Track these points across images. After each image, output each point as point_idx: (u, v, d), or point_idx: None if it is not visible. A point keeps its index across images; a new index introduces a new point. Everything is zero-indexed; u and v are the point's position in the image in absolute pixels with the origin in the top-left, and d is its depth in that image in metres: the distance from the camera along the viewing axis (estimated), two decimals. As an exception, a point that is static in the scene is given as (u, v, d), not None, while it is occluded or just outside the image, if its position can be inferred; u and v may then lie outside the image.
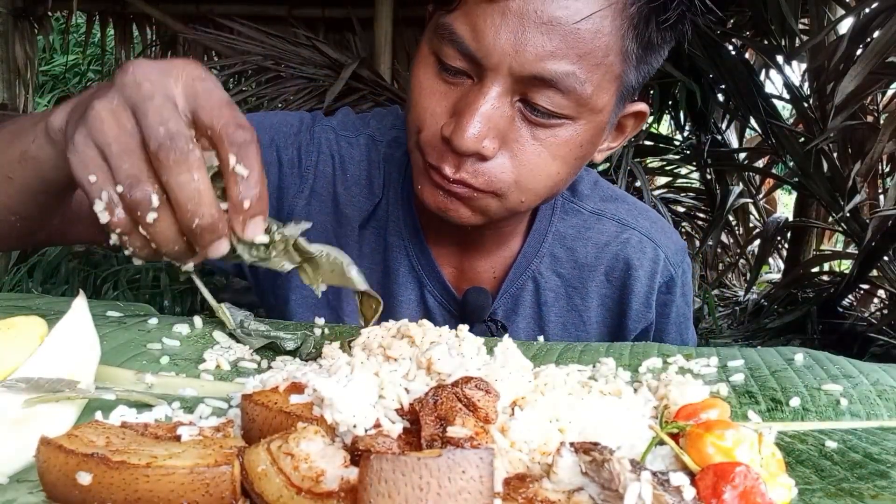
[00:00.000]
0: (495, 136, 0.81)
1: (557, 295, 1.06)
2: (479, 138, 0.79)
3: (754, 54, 3.52)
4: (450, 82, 0.83)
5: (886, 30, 2.23)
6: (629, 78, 0.85)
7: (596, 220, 1.07)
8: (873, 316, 3.70)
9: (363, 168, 1.05)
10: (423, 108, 0.85)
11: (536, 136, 0.82)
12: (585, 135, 0.84)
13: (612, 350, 0.80)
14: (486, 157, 0.81)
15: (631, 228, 1.06)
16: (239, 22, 3.26)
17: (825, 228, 4.20)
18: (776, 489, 0.43)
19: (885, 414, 0.63)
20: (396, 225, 1.04)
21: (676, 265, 1.08)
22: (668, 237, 1.09)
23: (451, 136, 0.79)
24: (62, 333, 0.58)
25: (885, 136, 2.54)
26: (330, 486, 0.41)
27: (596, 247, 1.06)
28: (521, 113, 0.81)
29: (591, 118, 0.83)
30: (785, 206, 6.18)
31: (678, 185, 4.65)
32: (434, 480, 0.38)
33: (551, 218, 1.06)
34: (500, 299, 1.05)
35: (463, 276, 1.06)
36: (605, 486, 0.42)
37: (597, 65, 0.79)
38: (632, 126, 0.96)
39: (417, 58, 0.87)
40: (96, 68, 6.89)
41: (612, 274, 1.06)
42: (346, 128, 1.08)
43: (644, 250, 1.06)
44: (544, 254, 1.05)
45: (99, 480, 0.41)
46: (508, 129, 0.81)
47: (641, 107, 0.94)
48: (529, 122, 0.82)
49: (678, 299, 1.09)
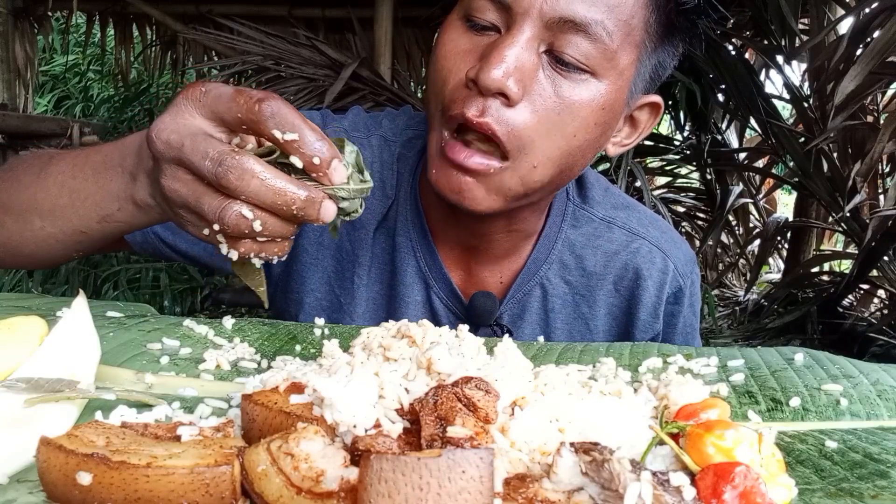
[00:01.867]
0: (520, 79, 0.80)
1: (565, 302, 1.05)
2: (505, 75, 0.78)
3: (754, 54, 3.52)
4: (477, 39, 0.83)
5: (886, 30, 2.23)
6: (647, 58, 0.86)
7: (606, 229, 1.06)
8: (873, 316, 3.70)
9: (376, 170, 1.04)
10: (447, 68, 0.85)
11: (559, 92, 0.82)
12: (607, 97, 0.84)
13: (612, 350, 0.80)
14: (510, 101, 0.80)
15: (641, 238, 1.05)
16: (239, 22, 3.26)
17: (825, 228, 4.20)
18: (776, 489, 0.43)
19: (885, 414, 0.63)
20: (405, 226, 1.03)
21: (685, 276, 1.07)
22: (678, 247, 1.08)
23: (478, 73, 0.79)
24: (62, 333, 0.58)
25: (885, 136, 2.54)
26: (330, 487, 0.41)
27: (605, 255, 1.05)
28: (546, 65, 0.81)
29: (613, 79, 0.83)
30: (785, 206, 6.18)
31: (678, 185, 4.65)
32: (434, 480, 0.38)
33: (561, 225, 1.05)
34: (507, 304, 1.04)
35: (470, 281, 1.05)
36: (605, 486, 0.42)
37: (623, 21, 0.80)
38: (646, 121, 0.96)
39: (443, 28, 0.87)
40: (96, 68, 6.89)
41: (621, 283, 1.05)
42: (358, 128, 1.07)
43: (653, 260, 1.05)
44: (553, 260, 1.04)
45: (99, 480, 0.41)
46: (532, 79, 0.81)
47: (656, 98, 0.93)
48: (554, 75, 0.81)
49: (686, 310, 1.08)
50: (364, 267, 1.04)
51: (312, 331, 0.83)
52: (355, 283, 1.04)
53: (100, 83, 6.91)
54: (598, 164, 3.71)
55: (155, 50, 4.83)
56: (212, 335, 0.77)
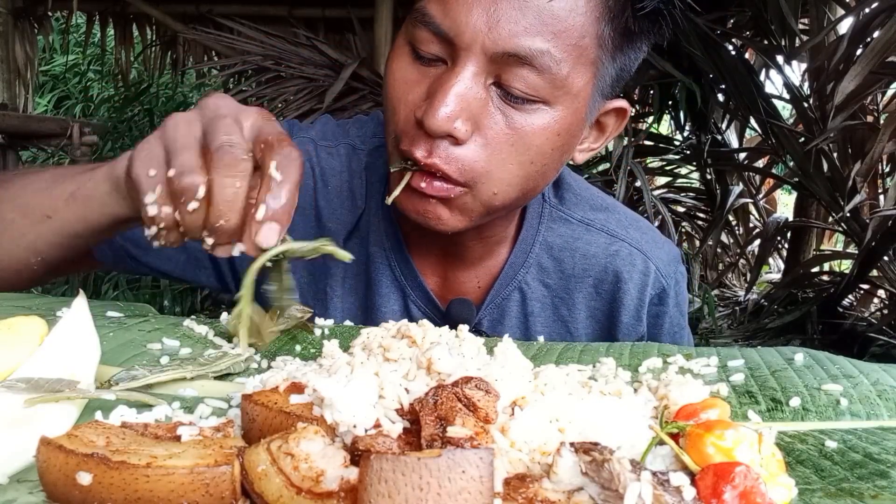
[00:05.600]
0: (468, 119, 0.78)
1: (543, 305, 1.04)
2: (451, 118, 0.77)
3: (754, 54, 3.52)
4: (424, 69, 0.81)
5: (886, 30, 2.23)
6: (606, 68, 0.83)
7: (584, 231, 1.04)
8: (873, 316, 3.70)
9: (344, 179, 1.03)
10: (397, 98, 0.83)
11: (511, 123, 0.80)
12: (562, 122, 0.82)
13: (612, 350, 0.80)
14: (458, 141, 0.79)
15: (620, 240, 1.03)
16: (239, 22, 3.26)
17: (825, 228, 4.20)
18: (776, 489, 0.43)
19: (886, 414, 0.63)
20: (378, 235, 1.02)
21: (669, 276, 1.06)
22: (659, 247, 1.06)
23: (424, 116, 0.77)
24: (62, 333, 0.58)
25: (885, 136, 2.54)
26: (330, 486, 0.41)
27: (584, 258, 1.03)
28: (495, 97, 0.79)
29: (567, 104, 0.81)
30: (785, 206, 6.18)
31: (678, 185, 4.65)
32: (434, 480, 0.38)
33: (538, 227, 1.03)
34: (486, 309, 1.03)
35: (447, 287, 1.04)
36: (605, 486, 0.42)
37: (572, 45, 0.77)
38: (613, 125, 0.94)
39: (392, 52, 0.86)
40: (96, 68, 6.89)
41: (601, 286, 1.03)
42: (326, 137, 1.05)
43: (634, 263, 1.03)
44: (531, 264, 1.03)
45: (99, 480, 0.41)
46: (482, 113, 0.79)
47: (621, 103, 0.91)
48: (504, 107, 0.79)
49: (671, 310, 1.07)
50: (337, 278, 1.03)
51: (313, 331, 0.83)
52: (328, 294, 1.03)
53: (100, 83, 6.92)
54: (598, 163, 3.71)
55: (155, 50, 4.83)
56: (212, 335, 0.77)
